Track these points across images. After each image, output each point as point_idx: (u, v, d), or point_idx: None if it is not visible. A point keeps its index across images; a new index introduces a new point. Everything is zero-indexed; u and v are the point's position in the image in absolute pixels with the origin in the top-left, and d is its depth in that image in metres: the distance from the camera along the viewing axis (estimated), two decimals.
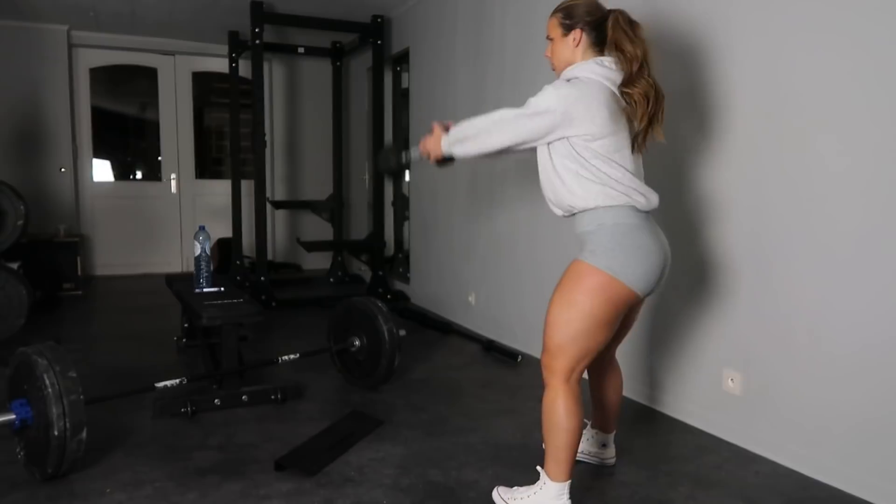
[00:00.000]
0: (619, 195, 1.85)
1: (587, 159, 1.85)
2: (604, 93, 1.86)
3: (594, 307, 1.82)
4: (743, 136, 2.50)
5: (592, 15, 1.93)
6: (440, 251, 4.96)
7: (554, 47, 2.01)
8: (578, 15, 1.93)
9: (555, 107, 1.83)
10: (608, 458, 2.32)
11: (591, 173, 1.85)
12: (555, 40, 2.00)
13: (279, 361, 3.12)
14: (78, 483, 2.18)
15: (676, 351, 2.83)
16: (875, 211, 2.07)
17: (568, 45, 1.96)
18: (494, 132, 1.92)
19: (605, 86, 1.87)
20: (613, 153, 1.86)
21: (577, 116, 1.82)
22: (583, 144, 1.84)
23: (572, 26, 1.94)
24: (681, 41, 2.75)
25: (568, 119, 1.82)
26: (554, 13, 2.00)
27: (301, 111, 7.19)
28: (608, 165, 1.85)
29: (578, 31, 1.93)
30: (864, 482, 2.12)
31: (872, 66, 2.06)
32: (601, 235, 1.85)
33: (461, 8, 4.51)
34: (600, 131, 1.83)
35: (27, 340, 2.79)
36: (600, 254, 1.83)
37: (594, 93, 1.85)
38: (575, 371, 1.88)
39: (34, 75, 6.06)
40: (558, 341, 1.86)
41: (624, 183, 1.86)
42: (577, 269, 1.86)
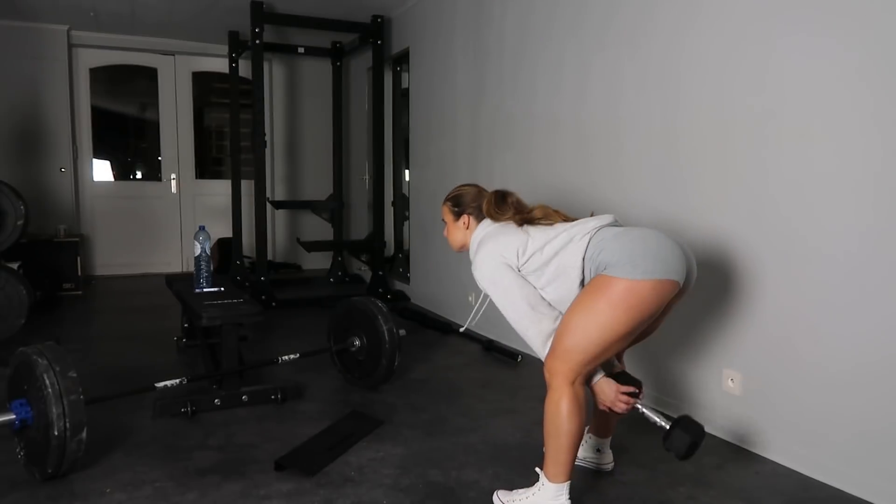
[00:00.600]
0: (582, 237, 1.94)
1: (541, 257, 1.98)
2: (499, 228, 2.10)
3: (613, 319, 1.81)
4: (742, 137, 2.50)
5: (476, 201, 2.21)
6: (440, 251, 4.96)
7: (449, 229, 2.28)
8: (465, 203, 2.22)
9: (493, 264, 2.02)
10: (605, 464, 2.31)
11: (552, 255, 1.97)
12: (448, 224, 2.28)
13: (279, 361, 3.12)
14: (78, 483, 2.18)
15: (677, 351, 2.83)
16: (875, 212, 2.07)
17: (460, 228, 2.23)
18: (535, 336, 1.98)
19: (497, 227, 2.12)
20: (544, 233, 2.02)
21: (504, 252, 2.02)
22: (526, 258, 1.99)
23: (461, 213, 2.22)
24: (678, 44, 2.75)
25: (508, 261, 2.01)
26: (445, 202, 2.28)
27: (301, 111, 7.19)
28: (552, 241, 1.97)
29: (466, 216, 2.21)
30: (864, 482, 2.12)
31: (870, 66, 2.06)
32: (602, 256, 1.87)
33: (461, 8, 4.51)
34: (520, 241, 2.02)
35: (27, 340, 2.79)
36: (610, 267, 1.84)
37: (495, 234, 2.08)
38: (580, 375, 1.88)
39: (34, 75, 6.06)
40: (567, 346, 1.85)
41: (572, 230, 1.97)
42: (597, 282, 1.86)
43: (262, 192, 5.37)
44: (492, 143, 4.19)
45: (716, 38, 2.60)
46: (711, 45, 2.62)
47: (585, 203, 3.18)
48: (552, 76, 3.59)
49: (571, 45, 3.42)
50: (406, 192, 5.96)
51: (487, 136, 4.24)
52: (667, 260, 1.84)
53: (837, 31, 2.16)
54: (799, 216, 2.30)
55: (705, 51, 2.65)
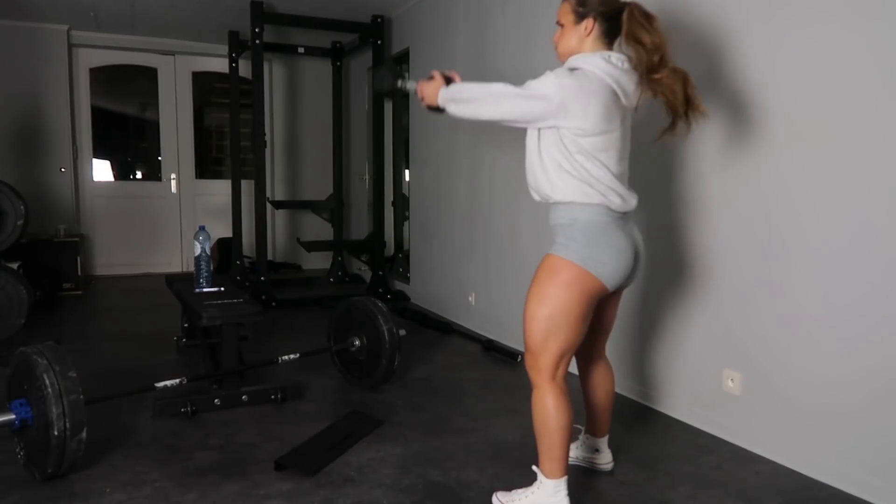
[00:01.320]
0: (596, 194, 1.86)
1: (572, 153, 1.85)
2: (604, 90, 1.83)
3: (569, 300, 1.84)
4: (742, 136, 2.50)
5: (607, 5, 1.89)
6: (440, 251, 4.96)
7: (563, 34, 1.96)
8: (592, 4, 1.89)
9: (552, 95, 1.80)
10: (603, 464, 2.30)
11: (574, 168, 1.85)
12: (565, 27, 1.95)
13: (279, 361, 3.12)
14: (78, 483, 2.18)
15: (677, 351, 2.83)
16: (875, 210, 2.07)
17: (578, 33, 1.92)
18: (489, 103, 1.91)
19: (606, 83, 1.84)
20: (599, 152, 1.86)
21: (572, 109, 1.80)
22: (571, 138, 1.83)
23: (585, 14, 1.90)
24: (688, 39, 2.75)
25: (563, 110, 1.81)
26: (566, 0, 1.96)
27: (301, 111, 7.19)
28: (591, 163, 1.85)
29: (591, 20, 1.89)
30: (864, 482, 2.12)
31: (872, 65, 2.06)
32: (574, 230, 1.87)
33: (461, 8, 4.51)
34: (592, 128, 1.82)
35: (27, 340, 2.79)
36: (573, 248, 1.85)
37: (594, 88, 1.82)
38: (559, 367, 1.90)
39: (34, 75, 6.06)
40: (538, 338, 1.88)
41: (604, 182, 1.87)
42: (551, 264, 1.88)
43: (262, 192, 5.37)
44: (492, 143, 4.19)
45: (716, 38, 2.60)
46: (716, 41, 2.62)
47: None
48: None
49: None
50: (406, 192, 5.96)
51: (488, 136, 4.24)
52: (618, 276, 1.89)
53: (838, 30, 2.16)
54: (799, 216, 2.30)
55: (708, 49, 2.64)
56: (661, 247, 2.82)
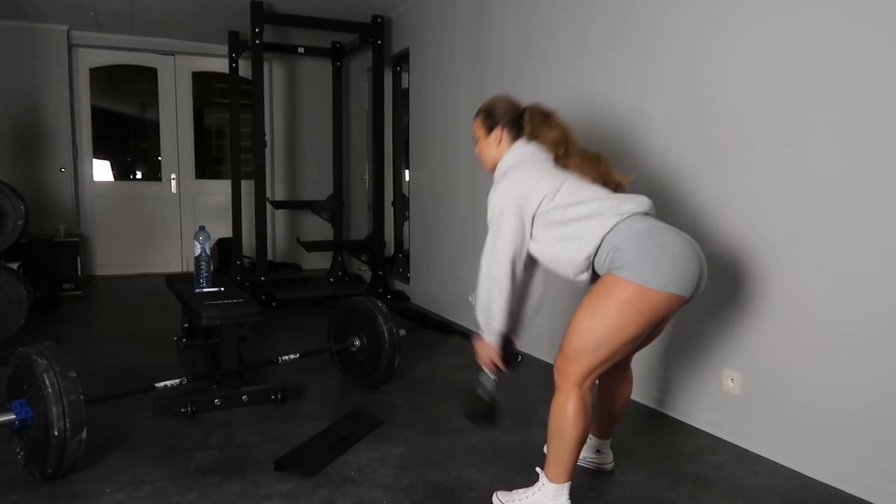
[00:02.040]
0: (611, 216, 1.85)
1: (563, 214, 1.89)
2: (535, 159, 1.99)
3: (623, 322, 1.79)
4: (741, 136, 2.50)
5: (511, 112, 2.08)
6: (440, 251, 4.96)
7: (480, 147, 2.14)
8: (498, 115, 2.08)
9: (506, 201, 1.92)
10: (605, 465, 2.31)
11: (574, 219, 1.88)
12: (480, 139, 2.13)
13: (279, 361, 3.12)
14: (78, 483, 2.18)
15: (677, 351, 2.83)
16: (874, 210, 2.07)
17: (492, 143, 2.09)
18: (493, 283, 1.95)
19: (533, 156, 2.00)
20: (576, 193, 1.92)
21: (528, 193, 1.91)
22: (548, 208, 1.90)
23: (494, 125, 2.08)
24: (679, 43, 2.75)
25: (523, 201, 1.91)
26: (476, 115, 2.13)
27: (301, 111, 7.20)
28: (580, 205, 1.89)
29: (500, 129, 2.07)
30: (864, 482, 2.12)
31: (867, 66, 2.06)
32: (623, 251, 1.81)
33: (461, 8, 4.51)
34: (552, 188, 1.91)
35: (27, 340, 2.78)
36: (627, 266, 1.78)
37: (527, 166, 1.97)
38: (589, 378, 1.86)
39: (34, 75, 6.06)
40: (577, 348, 1.84)
41: (605, 203, 1.88)
42: (608, 282, 1.82)
43: (262, 192, 5.37)
44: None
45: (716, 37, 2.60)
46: (712, 44, 2.62)
47: None
48: (553, 76, 3.59)
49: (572, 44, 3.42)
50: (406, 192, 5.96)
51: None
52: (685, 275, 1.80)
53: (839, 30, 2.16)
54: (800, 216, 2.30)
55: (706, 50, 2.65)
56: None
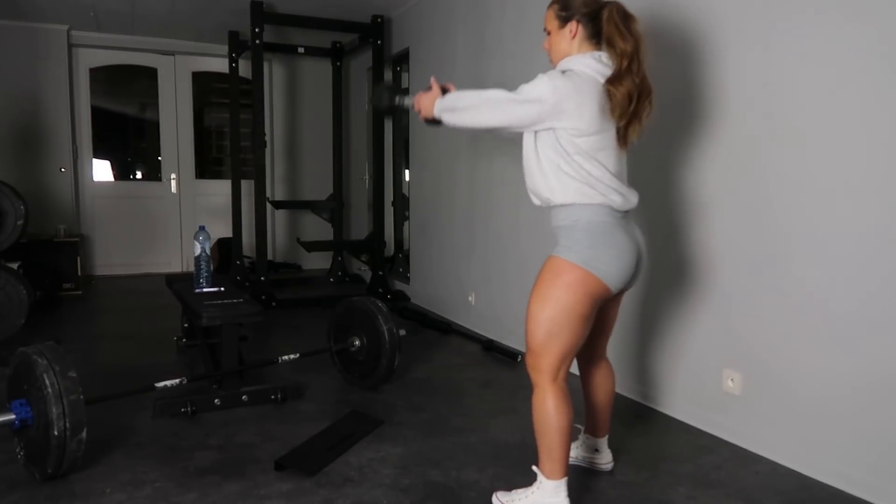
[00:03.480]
0: (597, 194, 1.86)
1: (570, 154, 1.85)
2: (596, 89, 1.84)
3: (573, 302, 1.84)
4: (741, 135, 2.50)
5: (588, 6, 1.91)
6: (440, 251, 4.96)
7: (551, 39, 1.99)
8: (574, 7, 1.92)
9: (546, 97, 1.82)
10: (603, 464, 2.30)
11: (573, 169, 1.85)
12: (552, 32, 1.99)
13: (279, 361, 3.12)
14: (78, 483, 2.18)
15: (676, 351, 2.83)
16: (873, 210, 2.07)
17: (564, 37, 1.94)
18: (484, 111, 1.91)
19: (598, 82, 1.86)
20: (597, 151, 1.86)
21: (567, 110, 1.81)
22: (568, 139, 1.84)
23: (568, 18, 1.93)
24: (677, 40, 2.75)
25: (557, 111, 1.82)
26: (550, 5, 1.99)
27: (301, 111, 7.20)
28: (590, 163, 1.86)
29: (574, 23, 1.92)
30: (864, 482, 2.12)
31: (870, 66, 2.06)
32: (576, 232, 1.87)
33: (461, 8, 4.51)
34: (587, 128, 1.83)
35: (27, 340, 2.78)
36: (575, 249, 1.85)
37: (586, 88, 1.84)
38: (561, 369, 1.89)
39: (34, 75, 6.06)
40: (540, 339, 1.87)
41: (603, 182, 1.87)
42: (554, 265, 1.87)
43: (262, 192, 5.38)
44: (492, 143, 4.19)
45: (717, 37, 2.60)
46: (712, 44, 2.62)
47: None
48: None
49: None
50: (406, 192, 5.96)
51: (488, 136, 4.24)
52: (622, 276, 1.89)
53: (837, 30, 2.16)
54: (799, 215, 2.30)
55: (706, 49, 2.65)
56: (661, 247, 2.82)
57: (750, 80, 2.46)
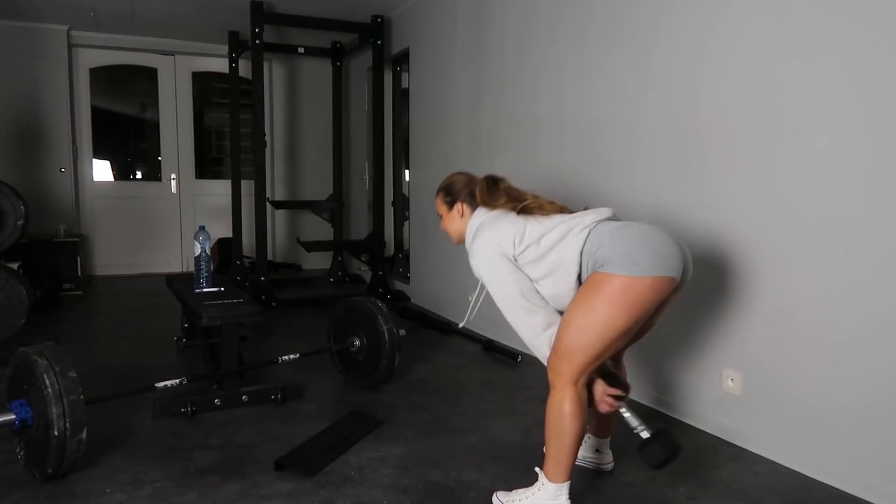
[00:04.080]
0: (580, 230, 1.92)
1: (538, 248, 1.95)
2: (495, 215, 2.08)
3: (613, 316, 1.81)
4: (740, 136, 2.50)
5: (468, 187, 2.20)
6: (440, 251, 4.96)
7: (445, 222, 2.25)
8: (457, 191, 2.21)
9: (488, 254, 2.00)
10: (605, 465, 2.31)
11: (549, 248, 1.94)
12: (444, 216, 2.25)
13: (279, 361, 3.12)
14: (78, 483, 2.18)
15: (677, 351, 2.83)
16: (873, 209, 2.07)
17: (455, 217, 2.21)
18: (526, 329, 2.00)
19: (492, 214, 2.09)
20: (541, 225, 1.99)
21: (500, 240, 1.99)
22: (522, 248, 1.97)
23: (454, 201, 2.21)
24: (679, 42, 2.75)
25: (501, 248, 1.99)
26: (437, 194, 2.27)
27: (301, 111, 7.19)
28: (549, 233, 1.95)
29: (460, 203, 2.19)
30: (864, 482, 2.12)
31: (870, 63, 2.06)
32: (601, 251, 1.86)
33: (461, 8, 4.51)
34: (517, 229, 1.99)
35: (27, 340, 2.79)
36: (608, 263, 1.83)
37: (490, 223, 2.05)
38: (583, 375, 1.87)
39: (34, 75, 6.06)
40: (569, 345, 1.85)
41: (570, 223, 1.95)
42: (594, 279, 1.85)
43: (262, 192, 5.38)
44: (493, 143, 4.19)
45: (717, 37, 2.60)
46: (713, 43, 2.62)
47: (587, 202, 3.18)
48: (553, 75, 3.59)
49: (573, 44, 3.42)
50: (406, 192, 5.96)
51: (488, 136, 4.24)
52: (665, 257, 1.84)
53: (840, 28, 2.16)
54: (799, 215, 2.30)
55: (707, 49, 2.65)
56: None
57: (750, 79, 2.46)
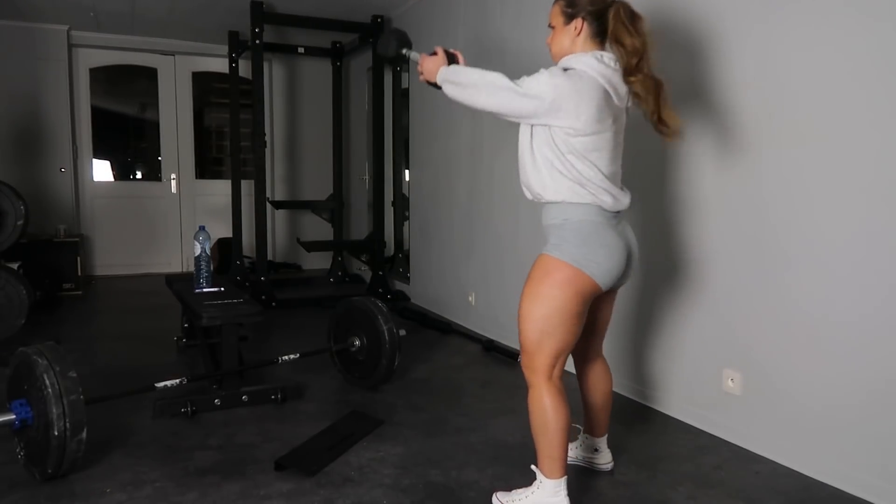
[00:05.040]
0: (588, 194, 1.87)
1: (563, 153, 1.86)
2: (596, 90, 1.84)
3: (563, 300, 1.84)
4: (741, 136, 2.50)
5: (595, 5, 1.91)
6: (440, 251, 4.96)
7: (555, 35, 1.99)
8: (581, 4, 1.92)
9: (545, 93, 1.81)
10: (602, 464, 2.30)
11: (565, 167, 1.86)
12: (556, 28, 1.98)
13: (279, 361, 3.12)
14: (78, 483, 2.18)
15: (676, 351, 2.83)
16: (873, 209, 2.07)
17: (569, 34, 1.94)
18: (483, 92, 1.90)
19: (598, 83, 1.85)
20: (591, 152, 1.87)
21: (564, 108, 1.81)
22: (563, 137, 1.84)
23: (574, 15, 1.93)
24: (680, 39, 2.75)
25: (555, 109, 1.82)
26: (556, 1, 1.98)
27: (301, 111, 7.19)
28: (582, 163, 1.86)
29: (580, 20, 1.92)
30: (864, 482, 2.12)
31: (869, 66, 2.06)
32: (566, 230, 1.88)
33: (461, 8, 4.51)
34: (583, 128, 1.83)
35: (27, 340, 2.79)
36: (565, 248, 1.86)
37: (586, 88, 1.83)
38: (556, 367, 1.90)
39: (34, 75, 6.06)
40: (534, 338, 1.88)
41: (595, 182, 1.87)
42: (544, 264, 1.88)
43: (262, 192, 5.38)
44: (493, 143, 4.19)
45: (716, 37, 2.60)
46: (712, 43, 2.62)
47: None
48: None
49: None
50: (406, 192, 5.95)
51: (488, 136, 4.24)
52: (611, 275, 1.89)
53: (837, 30, 2.16)
54: (800, 215, 2.30)
55: (706, 48, 2.64)
56: (659, 246, 2.82)
57: (750, 77, 2.46)
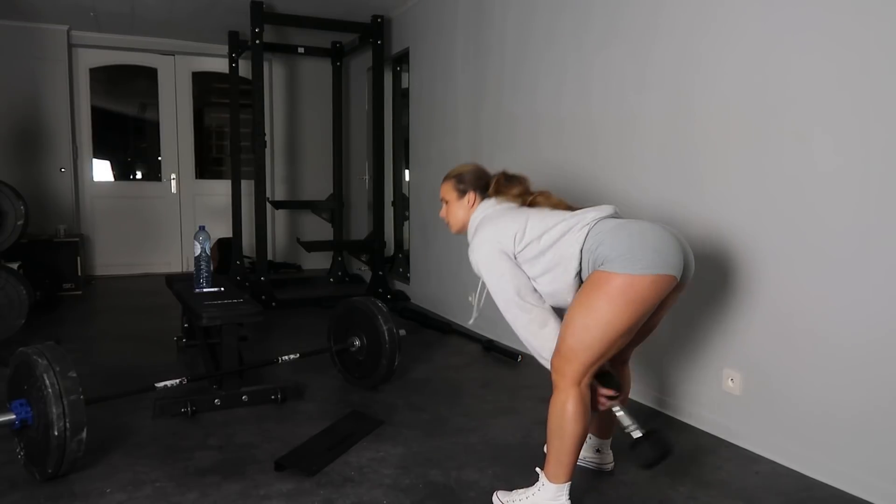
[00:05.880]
0: (581, 228, 1.92)
1: (539, 245, 1.95)
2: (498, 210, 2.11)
3: (615, 314, 1.80)
4: (740, 135, 2.50)
5: (481, 179, 2.21)
6: (440, 251, 4.96)
7: (450, 209, 2.25)
8: (469, 181, 2.20)
9: (488, 249, 2.01)
10: (605, 465, 2.31)
11: (549, 245, 1.95)
12: (450, 202, 2.24)
13: (279, 361, 3.12)
14: (78, 483, 2.18)
15: (677, 351, 2.83)
16: (873, 209, 2.07)
17: (463, 206, 2.21)
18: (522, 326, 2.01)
19: (496, 208, 2.13)
20: (543, 221, 1.99)
21: (501, 237, 2.00)
22: (523, 245, 1.97)
23: (465, 190, 2.19)
24: (677, 41, 2.75)
25: (501, 244, 1.99)
26: (447, 179, 2.25)
27: (301, 111, 7.20)
28: (550, 230, 1.96)
29: (472, 193, 2.19)
30: (864, 482, 2.12)
31: (871, 65, 2.06)
32: (601, 249, 1.86)
33: (461, 8, 4.51)
34: (519, 226, 2.00)
35: (27, 340, 2.79)
36: (608, 261, 1.82)
37: (493, 218, 2.08)
38: (587, 375, 1.87)
39: (34, 75, 6.06)
40: (572, 345, 1.85)
41: (570, 220, 1.95)
42: (595, 278, 1.85)
43: (262, 192, 5.38)
44: (492, 143, 4.19)
45: (716, 36, 2.60)
46: (712, 43, 2.62)
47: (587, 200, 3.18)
48: (553, 75, 3.59)
49: (572, 44, 3.42)
50: (406, 192, 5.96)
51: (488, 136, 4.24)
52: (665, 255, 1.83)
53: (838, 29, 2.16)
54: (800, 215, 2.30)
55: (706, 49, 2.65)
56: None
57: (750, 76, 2.46)
